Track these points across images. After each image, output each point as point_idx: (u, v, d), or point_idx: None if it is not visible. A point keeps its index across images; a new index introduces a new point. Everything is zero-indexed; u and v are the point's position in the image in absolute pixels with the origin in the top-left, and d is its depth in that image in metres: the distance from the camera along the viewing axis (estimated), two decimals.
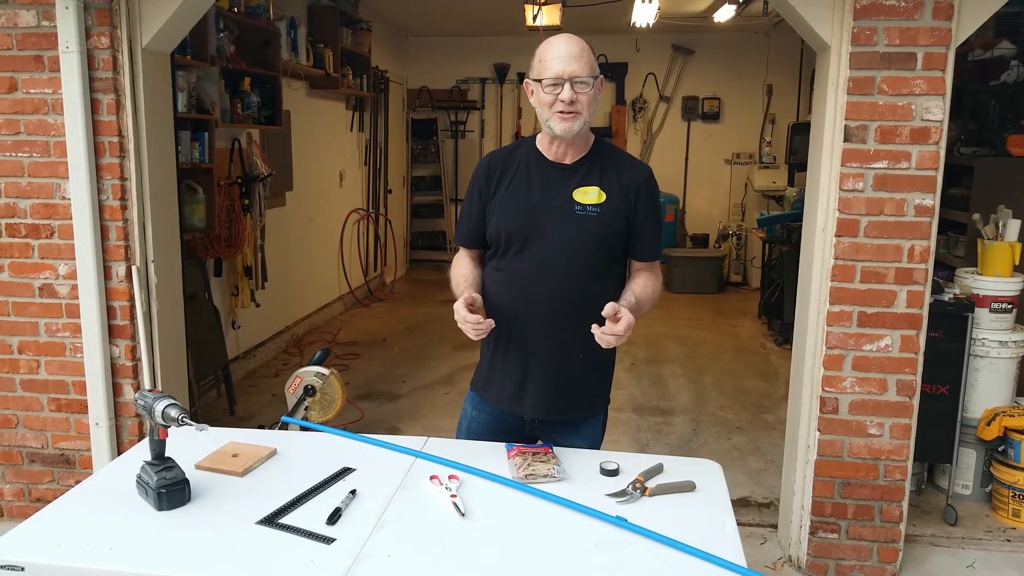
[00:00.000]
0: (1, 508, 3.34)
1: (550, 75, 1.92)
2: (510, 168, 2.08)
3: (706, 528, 1.66)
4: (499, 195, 2.07)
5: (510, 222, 2.04)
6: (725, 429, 4.52)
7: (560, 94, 1.92)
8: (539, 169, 2.06)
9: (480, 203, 2.10)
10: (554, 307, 2.03)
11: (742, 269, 8.66)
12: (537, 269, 2.02)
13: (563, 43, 1.94)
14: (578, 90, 1.92)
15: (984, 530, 3.32)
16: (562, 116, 1.94)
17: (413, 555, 1.55)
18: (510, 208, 2.05)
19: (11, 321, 3.14)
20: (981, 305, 3.37)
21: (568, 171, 2.04)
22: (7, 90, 2.97)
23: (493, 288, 2.10)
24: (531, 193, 2.04)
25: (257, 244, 5.26)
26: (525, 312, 2.04)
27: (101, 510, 1.71)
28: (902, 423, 2.87)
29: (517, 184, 2.06)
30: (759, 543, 3.25)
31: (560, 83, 1.92)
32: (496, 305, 2.07)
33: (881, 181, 2.74)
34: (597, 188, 2.02)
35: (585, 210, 2.01)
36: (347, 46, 6.65)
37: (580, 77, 1.92)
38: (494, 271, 2.10)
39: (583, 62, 1.92)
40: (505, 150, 2.15)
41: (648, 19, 6.77)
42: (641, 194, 2.06)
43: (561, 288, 2.02)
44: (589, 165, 2.05)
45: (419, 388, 5.13)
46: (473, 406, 2.23)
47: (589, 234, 2.01)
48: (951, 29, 2.63)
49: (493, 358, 2.14)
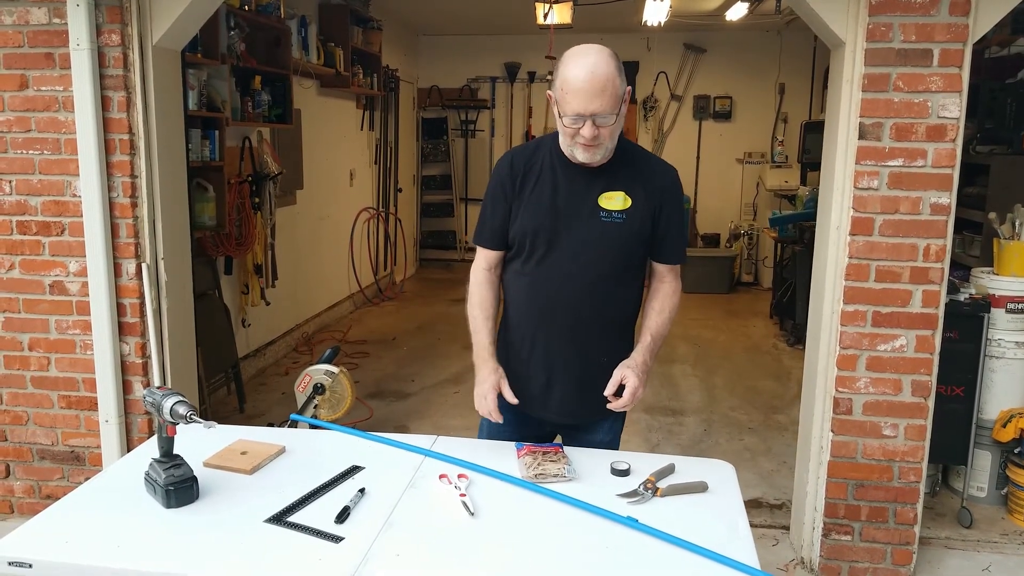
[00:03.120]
0: (11, 505, 3.35)
1: (570, 111, 1.82)
2: (533, 169, 2.02)
3: (719, 529, 1.64)
4: (524, 196, 2.01)
5: (535, 226, 1.99)
6: (736, 430, 4.49)
7: (582, 130, 1.83)
8: (564, 172, 2.00)
9: (506, 203, 2.03)
10: (578, 313, 2.01)
11: (753, 269, 8.61)
12: (562, 275, 2.00)
13: (587, 71, 1.80)
14: (601, 124, 1.83)
15: (1000, 533, 3.28)
16: (584, 148, 1.88)
17: (422, 554, 1.54)
18: (535, 212, 2.00)
19: (22, 318, 3.14)
20: (997, 305, 3.32)
21: (593, 175, 1.99)
22: (18, 87, 2.98)
23: (516, 293, 2.07)
24: (556, 197, 1.99)
25: (267, 242, 5.26)
26: (550, 318, 2.02)
27: (109, 507, 1.70)
28: (917, 424, 2.83)
29: (542, 187, 2.00)
30: (771, 545, 3.22)
31: (582, 119, 1.82)
32: (520, 310, 2.06)
33: (896, 179, 2.70)
34: (623, 193, 1.98)
35: (611, 216, 1.97)
36: (358, 45, 6.64)
37: (602, 115, 1.81)
38: (518, 276, 2.06)
39: (606, 96, 1.80)
40: (527, 149, 2.07)
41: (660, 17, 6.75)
42: (667, 197, 2.03)
43: (586, 294, 2.00)
44: (615, 168, 1.99)
45: (428, 387, 5.12)
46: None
47: (614, 241, 1.98)
48: (968, 25, 2.59)
49: (515, 363, 2.08)
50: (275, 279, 5.44)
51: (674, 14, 6.82)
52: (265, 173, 5.14)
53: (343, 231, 7.08)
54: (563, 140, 1.93)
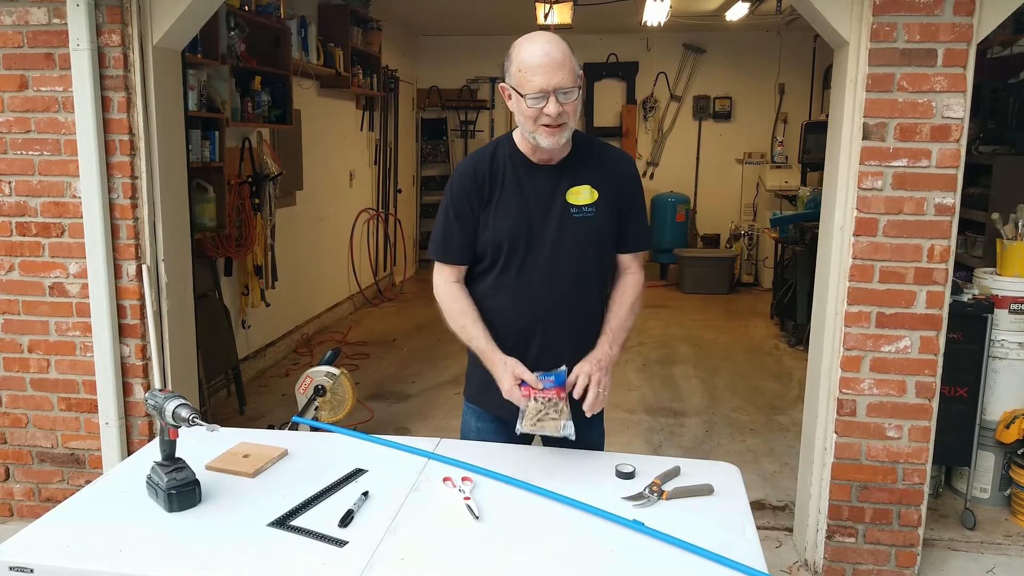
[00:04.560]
0: (11, 508, 3.33)
1: (533, 89, 1.80)
2: (496, 175, 1.96)
3: (725, 532, 1.62)
4: (492, 206, 1.96)
5: (509, 234, 1.95)
6: (738, 431, 4.48)
7: (546, 108, 1.81)
8: (527, 174, 1.97)
9: (473, 215, 1.97)
10: (565, 314, 1.98)
11: (754, 269, 8.61)
12: (543, 279, 1.97)
13: (543, 49, 1.80)
14: (563, 100, 1.81)
15: (1003, 534, 3.27)
16: (549, 130, 1.85)
17: (426, 559, 1.53)
18: (506, 220, 1.95)
19: (21, 320, 3.13)
20: (1000, 306, 3.31)
21: (556, 172, 1.97)
22: (18, 88, 2.97)
23: (499, 303, 2.00)
24: (525, 201, 1.96)
25: (267, 243, 5.25)
26: (538, 322, 1.98)
27: (111, 511, 1.69)
28: (921, 426, 2.82)
29: (508, 192, 1.96)
30: (774, 547, 3.21)
31: (545, 96, 1.80)
32: (507, 322, 1.98)
33: (900, 179, 2.69)
34: (588, 187, 1.97)
35: (581, 211, 1.96)
36: (357, 45, 6.63)
37: (565, 87, 1.80)
38: (497, 288, 2.00)
39: (567, 71, 1.80)
40: (484, 154, 2.01)
41: (660, 18, 6.74)
42: (627, 184, 2.03)
43: (570, 294, 1.98)
44: (576, 162, 1.98)
45: (429, 388, 5.11)
46: (476, 417, 2.16)
47: (590, 236, 1.97)
48: (972, 25, 2.58)
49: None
50: (275, 280, 5.43)
51: (674, 14, 6.81)
52: (265, 174, 5.12)
53: (343, 232, 7.07)
54: (525, 128, 1.89)
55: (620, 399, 4.90)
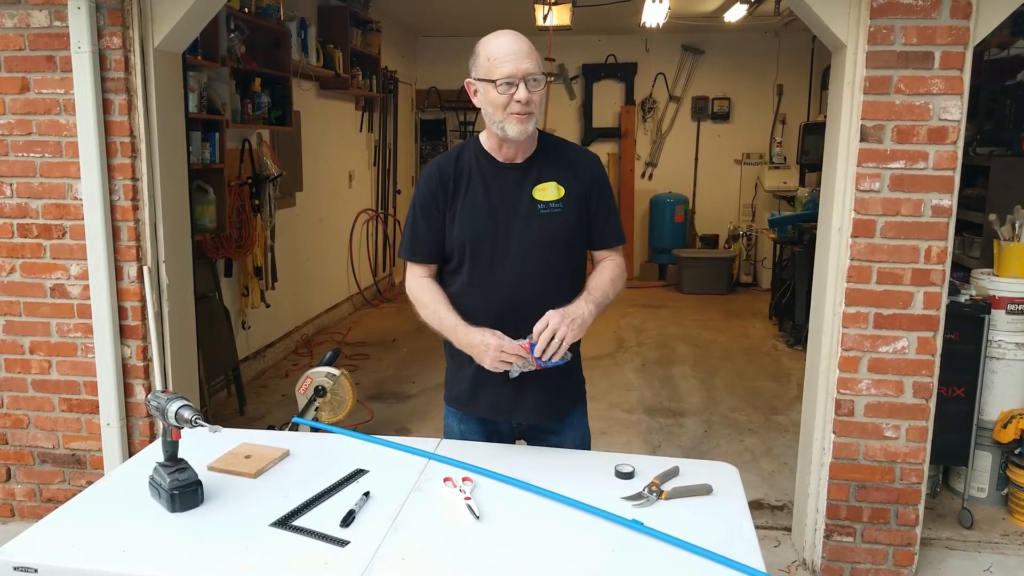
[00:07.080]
0: (12, 508, 3.34)
1: (503, 74, 1.85)
2: (462, 175, 1.99)
3: (723, 532, 1.64)
4: (457, 204, 1.98)
5: (474, 231, 1.96)
6: (737, 431, 4.49)
7: (515, 94, 1.86)
8: (493, 172, 1.99)
9: (439, 214, 2.00)
10: (537, 311, 1.91)
11: (752, 270, 8.62)
12: (513, 276, 1.97)
13: (511, 40, 1.89)
14: (532, 88, 1.87)
15: (1000, 534, 3.28)
16: (518, 118, 1.88)
17: (428, 558, 1.54)
18: (471, 217, 1.97)
19: (23, 321, 3.14)
20: (997, 307, 3.33)
21: (522, 170, 1.99)
22: (19, 90, 2.98)
23: (470, 303, 1.98)
24: (491, 199, 1.97)
25: (267, 244, 5.26)
26: (512, 321, 1.93)
27: (114, 512, 1.70)
28: (918, 426, 2.84)
29: (474, 191, 1.98)
30: (773, 546, 3.22)
31: (514, 82, 1.86)
32: (478, 319, 1.95)
33: (898, 181, 2.71)
34: (554, 183, 1.99)
35: (548, 207, 1.97)
36: (357, 47, 6.64)
37: (534, 74, 1.87)
38: (468, 287, 2.00)
39: (534, 59, 1.88)
40: (450, 156, 2.05)
41: (658, 19, 6.75)
42: (594, 181, 2.04)
43: (541, 290, 1.95)
44: (542, 161, 2.01)
45: (429, 388, 5.12)
46: (459, 421, 2.16)
47: (557, 231, 1.98)
48: (969, 28, 2.59)
49: (478, 372, 1.98)
50: (275, 281, 5.44)
51: (672, 15, 6.82)
52: (265, 175, 5.14)
53: (342, 233, 7.08)
54: (494, 118, 1.91)
55: (619, 399, 4.91)
